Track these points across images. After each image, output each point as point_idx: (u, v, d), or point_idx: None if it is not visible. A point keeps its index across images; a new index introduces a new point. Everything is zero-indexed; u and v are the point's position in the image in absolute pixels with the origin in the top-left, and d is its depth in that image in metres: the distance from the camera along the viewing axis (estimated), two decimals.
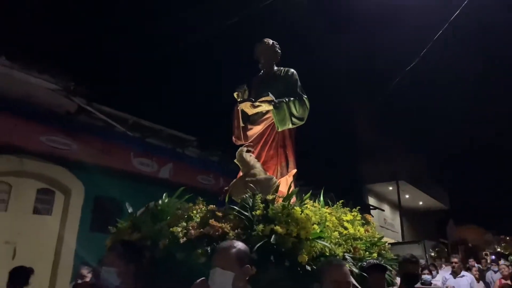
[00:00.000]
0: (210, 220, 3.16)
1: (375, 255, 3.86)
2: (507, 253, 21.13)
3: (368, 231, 4.02)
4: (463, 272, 8.50)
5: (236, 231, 3.03)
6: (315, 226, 3.22)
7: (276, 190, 3.72)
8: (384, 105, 21.20)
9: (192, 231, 3.15)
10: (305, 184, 14.68)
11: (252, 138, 4.41)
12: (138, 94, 9.31)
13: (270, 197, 3.34)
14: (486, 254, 16.85)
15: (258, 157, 4.30)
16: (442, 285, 8.45)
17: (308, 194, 3.82)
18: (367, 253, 3.74)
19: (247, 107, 4.40)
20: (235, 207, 3.31)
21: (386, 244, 4.21)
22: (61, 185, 8.60)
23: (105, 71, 8.63)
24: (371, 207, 20.82)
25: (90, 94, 7.71)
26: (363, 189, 21.37)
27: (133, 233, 3.55)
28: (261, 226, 2.98)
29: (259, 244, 2.84)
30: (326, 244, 3.11)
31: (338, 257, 3.20)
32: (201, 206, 3.50)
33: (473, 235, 27.46)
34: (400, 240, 21.81)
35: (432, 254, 14.23)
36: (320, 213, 3.58)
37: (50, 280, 7.84)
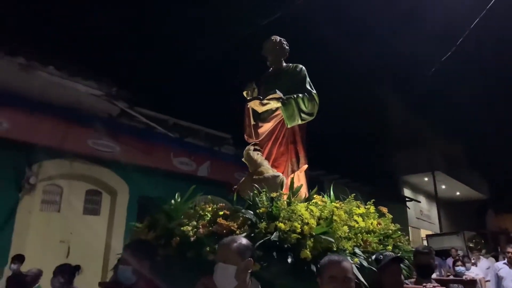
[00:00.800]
0: (218, 219, 3.23)
1: (389, 247, 3.81)
2: None
3: (380, 224, 3.96)
4: None
5: (242, 228, 3.09)
6: (321, 221, 3.22)
7: (282, 187, 3.75)
8: (419, 95, 20.94)
9: (201, 230, 3.24)
10: (341, 177, 14.72)
11: (263, 136, 4.45)
12: (176, 96, 9.64)
13: (274, 194, 3.36)
14: None
15: (269, 154, 4.34)
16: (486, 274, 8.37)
17: (315, 190, 3.84)
18: (380, 246, 3.70)
19: (256, 105, 4.42)
20: (239, 207, 3.37)
21: (401, 235, 4.14)
22: (107, 186, 9.01)
23: (144, 76, 8.98)
24: (407, 199, 20.45)
25: (131, 98, 8.06)
26: (398, 181, 21.09)
27: (149, 232, 3.69)
28: (264, 223, 3.03)
29: (261, 241, 2.89)
30: (330, 239, 3.08)
31: (347, 251, 3.19)
32: (211, 205, 3.58)
33: None
34: (438, 231, 21.60)
35: (470, 245, 13.99)
36: (328, 208, 3.53)
37: (102, 277, 8.31)
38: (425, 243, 15.48)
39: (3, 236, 7.06)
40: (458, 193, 24.90)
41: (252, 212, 3.16)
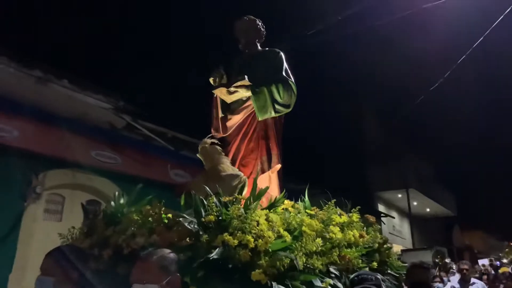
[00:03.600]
0: (157, 228, 2.66)
1: (374, 264, 3.21)
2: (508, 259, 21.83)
3: (363, 236, 3.32)
4: (473, 280, 7.95)
5: (183, 241, 2.46)
6: (284, 233, 2.59)
7: (242, 190, 3.07)
8: (396, 114, 22.05)
9: (138, 240, 2.65)
10: (321, 192, 15.27)
11: (231, 130, 3.82)
12: (175, 110, 9.99)
13: (226, 198, 2.70)
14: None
15: (237, 151, 3.71)
16: None
17: (282, 194, 3.21)
18: (361, 262, 3.09)
19: (223, 94, 3.80)
20: (179, 213, 2.74)
21: (391, 249, 3.66)
22: (106, 196, 9.26)
23: (148, 90, 9.37)
24: (382, 215, 21.52)
25: (135, 111, 8.44)
26: (373, 196, 21.67)
27: (85, 238, 3.10)
28: (205, 236, 2.40)
29: (201, 259, 2.29)
30: (290, 256, 2.46)
31: (317, 270, 2.60)
32: (156, 209, 2.89)
33: (479, 241, 28.20)
34: (409, 246, 22.55)
35: (436, 260, 14.21)
36: (298, 217, 2.90)
37: None
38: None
39: (8, 244, 7.23)
40: (428, 209, 25.28)
41: (194, 220, 2.53)
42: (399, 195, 22.05)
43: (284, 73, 3.89)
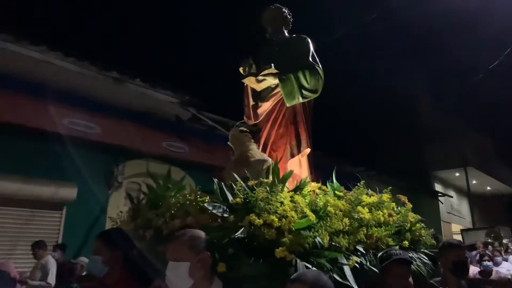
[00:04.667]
0: (192, 210, 2.80)
1: (406, 243, 3.21)
2: None
3: (392, 216, 3.27)
4: None
5: (216, 222, 2.60)
6: (309, 213, 2.62)
7: (269, 174, 3.08)
8: (453, 91, 21.45)
9: (175, 222, 2.81)
10: (377, 173, 15.29)
11: (262, 117, 3.92)
12: (236, 101, 10.52)
13: (252, 182, 2.78)
14: None
15: (267, 137, 3.81)
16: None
17: (306, 177, 3.20)
18: (392, 241, 3.09)
19: (252, 83, 3.86)
20: (210, 196, 2.86)
21: (422, 229, 3.53)
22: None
23: (210, 84, 10.00)
24: (439, 194, 20.31)
25: (199, 104, 9.08)
26: (430, 176, 21.16)
27: (131, 221, 3.29)
28: (231, 217, 2.51)
29: (228, 238, 2.39)
30: (311, 234, 2.52)
31: (343, 248, 2.66)
32: (193, 194, 3.01)
33: None
34: (468, 226, 21.03)
35: (489, 240, 13.59)
36: (325, 198, 2.95)
37: None
38: (459, 237, 16.19)
39: (98, 229, 8.15)
40: (489, 188, 24.28)
41: (218, 204, 2.63)
42: (457, 174, 21.49)
43: (310, 59, 3.90)
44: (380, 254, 2.76)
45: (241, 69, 4.00)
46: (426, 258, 3.28)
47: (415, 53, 20.15)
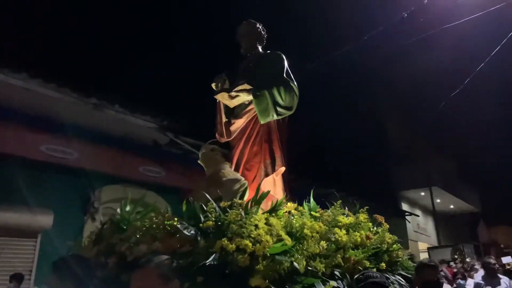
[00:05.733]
0: (159, 234, 2.62)
1: (383, 265, 3.12)
2: None
3: (370, 238, 3.20)
4: (499, 275, 7.32)
5: (184, 247, 2.43)
6: (285, 236, 2.50)
7: (244, 195, 3.01)
8: (419, 114, 22.32)
9: (141, 248, 2.62)
10: (338, 190, 15.70)
11: (235, 134, 3.79)
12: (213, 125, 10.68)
13: (224, 204, 2.64)
14: None
15: (240, 155, 3.66)
16: None
17: (282, 198, 3.11)
18: (369, 264, 3.00)
19: (225, 99, 3.76)
20: (179, 220, 2.67)
21: (399, 250, 3.47)
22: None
23: (189, 109, 10.17)
24: (406, 213, 20.58)
25: (177, 128, 9.22)
26: (397, 196, 21.66)
27: (93, 247, 3.07)
28: (203, 241, 2.37)
29: (199, 264, 2.23)
30: (287, 259, 2.37)
31: (320, 273, 2.54)
32: (160, 216, 2.81)
33: (505, 236, 28.15)
34: (434, 244, 21.50)
35: (455, 257, 14.13)
36: (301, 219, 2.84)
37: None
38: (426, 255, 16.81)
39: None
40: (452, 206, 25.04)
41: (188, 226, 2.49)
42: (422, 193, 22.18)
43: (285, 75, 3.81)
44: (356, 276, 2.67)
45: (213, 85, 3.91)
46: (402, 280, 3.20)
47: (383, 76, 20.99)
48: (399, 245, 3.52)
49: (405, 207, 22.03)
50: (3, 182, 6.93)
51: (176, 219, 2.68)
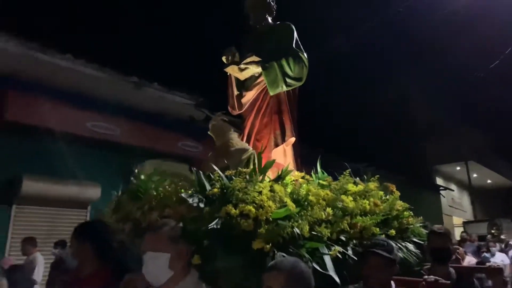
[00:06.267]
0: (170, 202, 2.71)
1: (392, 231, 3.09)
2: None
3: (377, 205, 3.17)
4: None
5: (192, 214, 2.50)
6: (289, 202, 2.53)
7: (249, 163, 3.02)
8: (454, 86, 21.74)
9: (153, 214, 2.74)
10: (369, 165, 15.66)
11: (246, 106, 3.83)
12: None
13: (229, 172, 2.70)
14: None
15: (251, 127, 3.71)
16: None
17: (287, 165, 3.09)
18: (377, 230, 2.97)
19: (235, 72, 3.77)
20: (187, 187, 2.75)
21: (409, 217, 3.42)
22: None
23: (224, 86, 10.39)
24: (440, 188, 20.45)
25: (213, 104, 9.54)
26: (431, 170, 21.35)
27: (113, 214, 3.24)
28: (207, 208, 2.44)
29: (203, 228, 2.29)
30: (289, 224, 2.41)
31: (325, 238, 2.55)
32: (173, 185, 2.94)
33: None
34: (470, 219, 21.19)
35: (492, 231, 13.99)
36: (307, 187, 2.85)
37: None
38: (461, 229, 16.76)
39: None
40: (489, 181, 24.45)
41: (192, 194, 2.56)
42: (458, 168, 21.81)
43: (294, 46, 3.78)
44: (364, 243, 2.71)
45: (224, 58, 3.87)
46: (411, 245, 3.18)
47: (417, 53, 20.50)
48: (410, 212, 3.49)
49: (439, 181, 21.76)
50: (53, 157, 7.42)
51: (183, 188, 2.77)
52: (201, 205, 2.47)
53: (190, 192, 2.62)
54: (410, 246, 3.14)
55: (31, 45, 6.72)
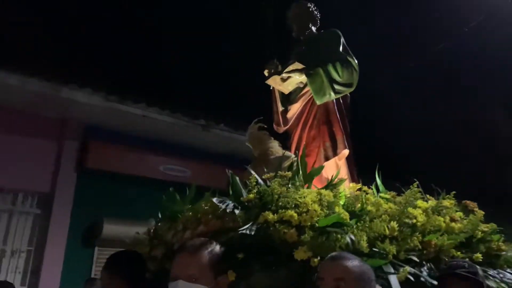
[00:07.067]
0: (203, 217, 2.42)
1: (478, 255, 2.49)
2: None
3: (455, 220, 2.64)
4: None
5: (228, 226, 2.20)
6: (340, 209, 2.15)
7: (290, 169, 2.63)
8: None
9: (186, 234, 2.46)
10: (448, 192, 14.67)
11: (292, 121, 3.52)
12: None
13: (267, 176, 2.41)
14: None
15: (298, 141, 3.41)
16: None
17: (337, 172, 2.71)
18: (456, 252, 2.43)
19: (277, 84, 3.49)
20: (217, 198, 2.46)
21: (500, 241, 2.78)
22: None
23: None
24: None
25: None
26: None
27: (148, 242, 2.98)
28: (242, 213, 2.12)
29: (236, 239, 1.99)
30: (341, 231, 2.00)
31: (390, 256, 2.10)
32: (209, 203, 2.62)
33: None
34: None
35: None
36: (365, 197, 2.40)
37: None
38: None
39: None
40: None
41: (224, 200, 2.32)
42: None
43: (342, 50, 3.48)
44: (441, 266, 2.25)
45: (265, 72, 3.65)
46: (509, 275, 2.57)
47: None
48: (501, 235, 2.85)
49: None
50: (130, 200, 7.83)
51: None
52: (236, 211, 2.15)
53: (217, 199, 2.34)
54: (508, 275, 2.54)
55: (111, 97, 7.29)
